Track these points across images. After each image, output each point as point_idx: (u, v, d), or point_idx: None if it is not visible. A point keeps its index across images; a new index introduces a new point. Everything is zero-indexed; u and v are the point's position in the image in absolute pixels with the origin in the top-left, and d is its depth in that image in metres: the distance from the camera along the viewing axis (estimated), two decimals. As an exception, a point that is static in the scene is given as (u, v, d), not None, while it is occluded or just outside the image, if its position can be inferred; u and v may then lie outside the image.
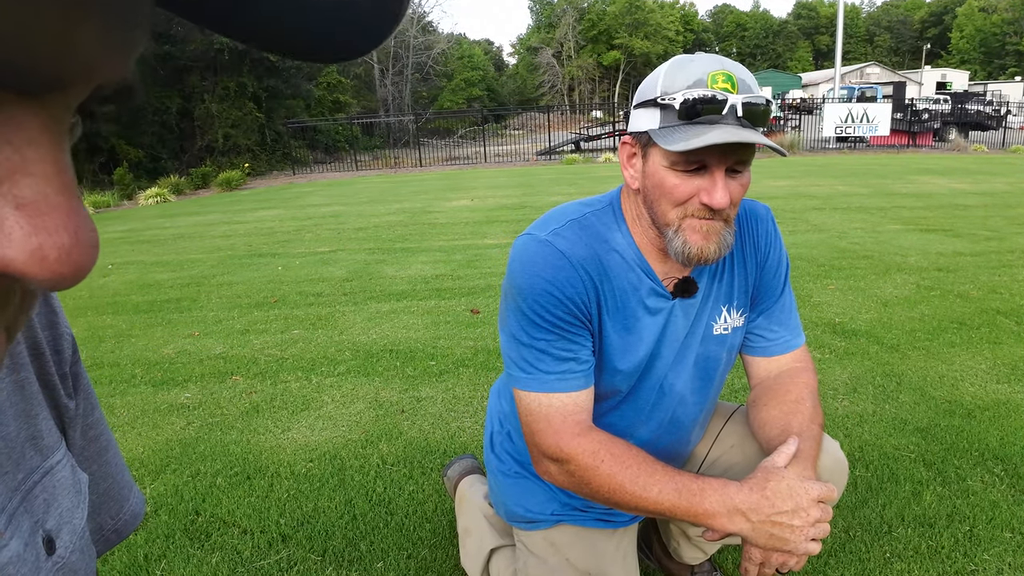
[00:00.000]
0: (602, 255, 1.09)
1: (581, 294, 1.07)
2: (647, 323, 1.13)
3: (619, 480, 1.01)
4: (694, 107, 0.95)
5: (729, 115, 0.94)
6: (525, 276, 1.06)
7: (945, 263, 4.66)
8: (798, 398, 1.14)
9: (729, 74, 0.95)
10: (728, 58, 1.00)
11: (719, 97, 0.94)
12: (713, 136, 0.92)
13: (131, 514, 0.57)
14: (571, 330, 1.07)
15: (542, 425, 1.07)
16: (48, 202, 0.19)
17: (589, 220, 1.11)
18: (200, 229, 8.00)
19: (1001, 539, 1.74)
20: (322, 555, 1.77)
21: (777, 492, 0.96)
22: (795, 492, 0.96)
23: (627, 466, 1.02)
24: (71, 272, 0.20)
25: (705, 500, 0.97)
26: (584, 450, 1.04)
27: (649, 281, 1.12)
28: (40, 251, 0.19)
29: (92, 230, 0.21)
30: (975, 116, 20.36)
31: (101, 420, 0.54)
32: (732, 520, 0.97)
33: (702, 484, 0.99)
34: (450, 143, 25.10)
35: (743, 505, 0.96)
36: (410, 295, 4.31)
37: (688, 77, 0.97)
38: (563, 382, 1.07)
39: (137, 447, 2.41)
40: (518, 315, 1.08)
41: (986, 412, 2.44)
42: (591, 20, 57.51)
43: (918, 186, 9.29)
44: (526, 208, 8.23)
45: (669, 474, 1.01)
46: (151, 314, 4.16)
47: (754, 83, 0.98)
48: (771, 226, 1.22)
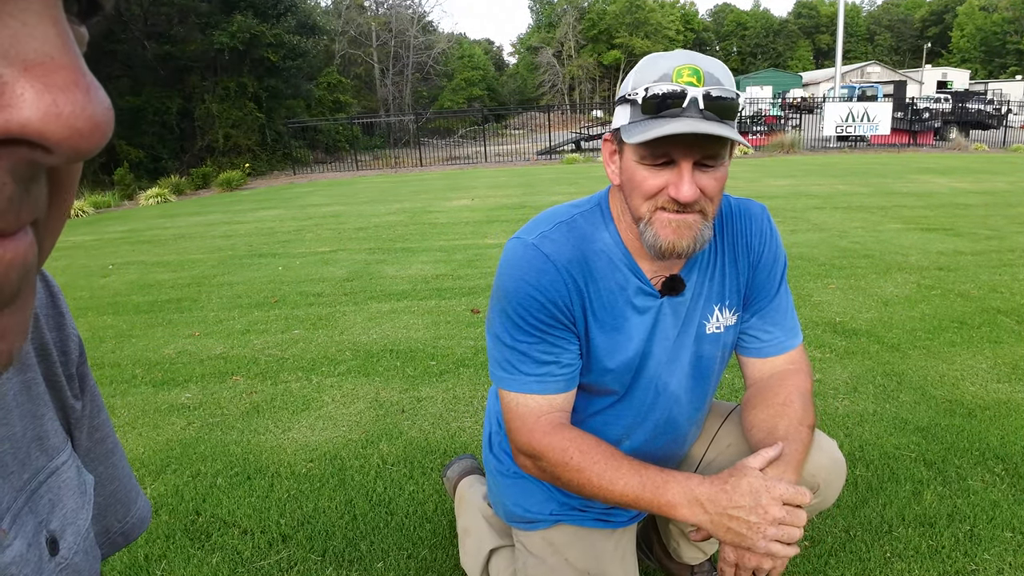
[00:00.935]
0: (589, 256, 1.11)
1: (564, 298, 1.09)
2: (635, 322, 1.14)
3: (587, 475, 1.05)
4: (653, 100, 0.96)
5: (691, 108, 0.94)
6: (511, 279, 1.10)
7: (946, 262, 4.65)
8: (786, 400, 1.14)
9: (696, 68, 0.96)
10: (713, 57, 1.00)
11: (677, 90, 0.94)
12: (669, 127, 0.93)
13: (138, 517, 0.57)
14: (553, 333, 1.10)
15: (518, 423, 1.12)
16: (56, 62, 0.19)
17: (577, 222, 1.13)
18: (201, 229, 8.00)
19: (1002, 539, 1.74)
20: (322, 555, 1.77)
21: (737, 487, 0.97)
22: (755, 489, 0.97)
23: (594, 461, 1.05)
24: (88, 128, 0.19)
25: (668, 491, 1.00)
26: (554, 447, 1.08)
27: (636, 280, 1.12)
28: (55, 107, 0.19)
29: (102, 89, 0.21)
30: (976, 115, 20.33)
31: (107, 423, 0.54)
32: (692, 510, 0.99)
33: (666, 476, 1.02)
34: (450, 143, 25.11)
35: (702, 496, 0.98)
36: (410, 295, 4.31)
37: (656, 72, 0.98)
38: (541, 384, 1.11)
39: (138, 447, 2.41)
40: (503, 317, 1.11)
41: (987, 411, 2.44)
42: (591, 20, 57.50)
43: (919, 185, 9.28)
44: (526, 208, 8.23)
45: (635, 468, 1.04)
46: (152, 314, 4.16)
47: (726, 78, 0.97)
48: (766, 224, 1.20)
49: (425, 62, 39.12)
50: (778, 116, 20.98)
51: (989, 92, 25.47)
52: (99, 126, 0.20)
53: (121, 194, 13.35)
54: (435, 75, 40.54)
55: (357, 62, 35.40)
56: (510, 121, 35.85)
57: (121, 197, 13.16)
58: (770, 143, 17.45)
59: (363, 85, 35.77)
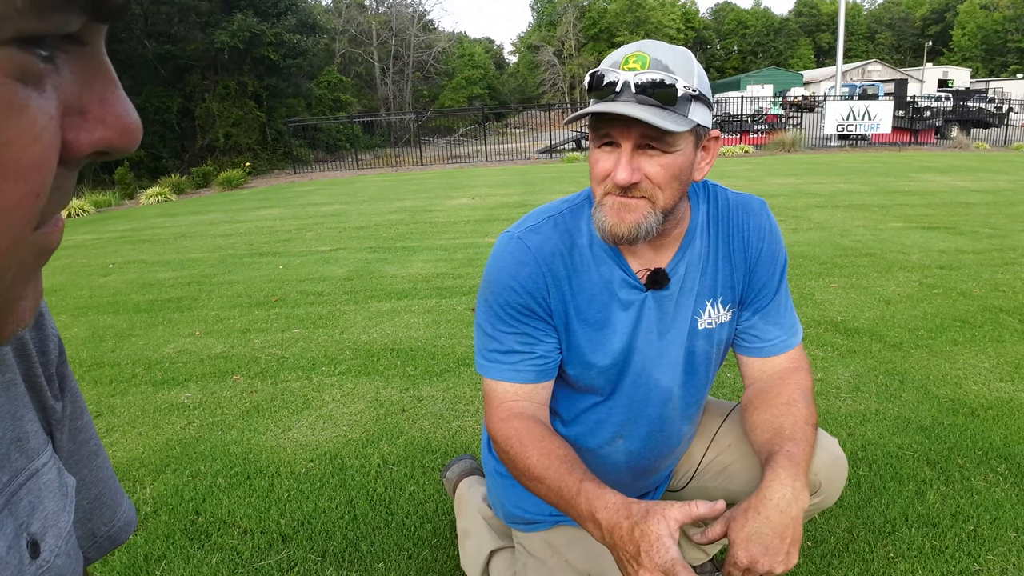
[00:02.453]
0: (573, 250, 1.12)
1: (542, 290, 1.11)
2: (620, 317, 1.13)
3: (521, 467, 1.06)
4: (592, 84, 0.99)
5: (625, 91, 0.96)
6: (493, 270, 1.13)
7: (947, 261, 4.64)
8: (789, 400, 1.13)
9: (643, 55, 0.97)
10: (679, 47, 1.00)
11: (612, 75, 0.96)
12: (591, 107, 0.96)
13: (125, 521, 0.57)
14: (530, 323, 1.12)
15: (487, 408, 1.16)
16: (115, 94, 0.26)
17: (565, 216, 1.15)
18: (201, 228, 8.00)
19: (1005, 539, 1.73)
20: (322, 555, 1.77)
21: (631, 531, 0.90)
22: (645, 542, 0.88)
23: (528, 455, 1.05)
24: (137, 134, 0.27)
25: (578, 503, 0.97)
26: (502, 434, 1.10)
27: (622, 272, 1.12)
28: (124, 127, 0.26)
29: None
30: (977, 113, 20.32)
31: (90, 425, 0.54)
32: (593, 528, 0.96)
33: (583, 488, 0.97)
34: (451, 141, 25.10)
35: (602, 521, 0.94)
36: (411, 294, 4.30)
37: (609, 60, 1.00)
38: (513, 372, 1.13)
39: (137, 447, 2.40)
40: (485, 307, 1.15)
41: (989, 411, 2.43)
42: (592, 18, 57.48)
43: (920, 184, 9.27)
44: (527, 206, 8.22)
45: (563, 471, 1.01)
46: (152, 313, 4.16)
47: (677, 66, 0.97)
48: (765, 220, 1.17)
49: (426, 61, 39.12)
50: (779, 115, 20.96)
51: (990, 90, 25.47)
52: (140, 130, 0.28)
53: (122, 193, 13.34)
54: (436, 74, 40.54)
55: (357, 61, 35.41)
56: (511, 120, 35.84)
57: (122, 196, 13.15)
58: (771, 141, 17.43)
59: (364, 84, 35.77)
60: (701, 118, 0.99)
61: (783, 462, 1.01)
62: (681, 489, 1.41)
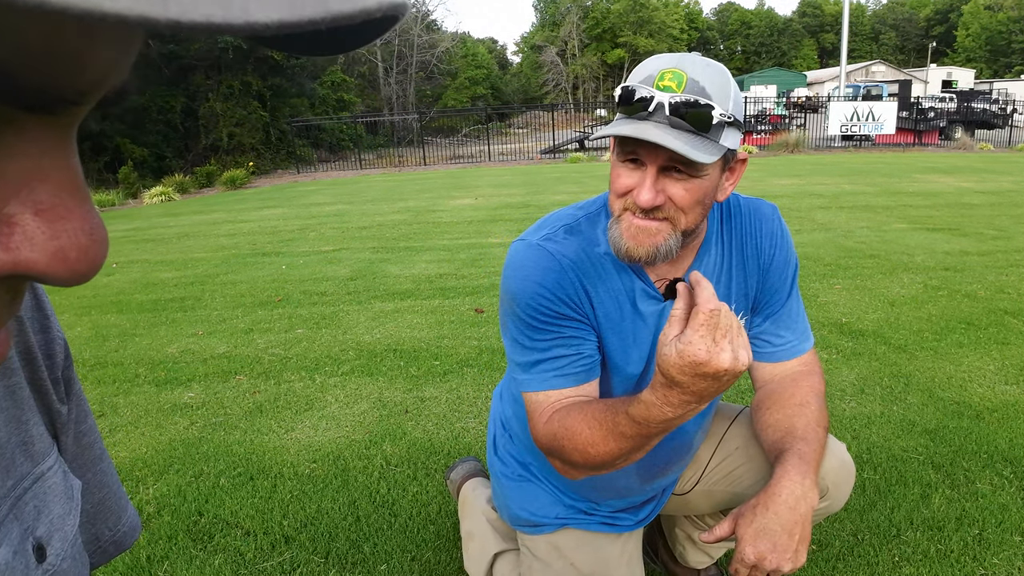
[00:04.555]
0: (593, 259, 1.09)
1: (572, 294, 1.06)
2: (640, 326, 1.12)
3: (579, 454, 0.99)
4: (624, 100, 0.94)
5: (658, 112, 0.91)
6: (517, 280, 1.07)
7: (952, 262, 4.62)
8: (803, 401, 1.12)
9: (680, 73, 0.92)
10: (712, 60, 0.96)
11: (646, 94, 0.92)
12: (622, 129, 0.91)
13: (129, 526, 0.57)
14: (569, 326, 1.07)
15: (530, 422, 1.09)
16: (65, 206, 0.20)
17: (581, 224, 1.11)
18: (204, 228, 8.01)
19: (1011, 543, 1.72)
20: (325, 557, 1.76)
21: (679, 356, 0.83)
22: (690, 346, 0.83)
23: (579, 431, 0.99)
24: (87, 269, 0.21)
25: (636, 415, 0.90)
26: (546, 436, 1.05)
27: (641, 282, 1.10)
28: (61, 252, 0.20)
29: (103, 227, 0.22)
30: (981, 114, 20.25)
31: (94, 429, 0.53)
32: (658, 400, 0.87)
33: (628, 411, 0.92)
34: (454, 141, 25.12)
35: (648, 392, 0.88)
36: (414, 294, 4.30)
37: (643, 72, 0.95)
38: (560, 378, 1.07)
39: (140, 447, 2.40)
40: (516, 320, 1.09)
41: (995, 414, 2.42)
42: (595, 18, 57.46)
43: (924, 185, 9.24)
44: (530, 207, 8.22)
45: (607, 420, 0.96)
46: (155, 313, 4.16)
47: (714, 87, 0.92)
48: (777, 226, 1.17)
49: (429, 61, 39.13)
50: (783, 115, 20.93)
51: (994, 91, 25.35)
52: (96, 264, 0.22)
53: (125, 192, 13.38)
54: (439, 74, 40.57)
55: (361, 61, 35.43)
56: (514, 120, 35.87)
57: (125, 196, 13.19)
58: (775, 142, 17.40)
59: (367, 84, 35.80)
60: (732, 143, 0.96)
61: (794, 460, 1.00)
62: (687, 492, 1.40)
